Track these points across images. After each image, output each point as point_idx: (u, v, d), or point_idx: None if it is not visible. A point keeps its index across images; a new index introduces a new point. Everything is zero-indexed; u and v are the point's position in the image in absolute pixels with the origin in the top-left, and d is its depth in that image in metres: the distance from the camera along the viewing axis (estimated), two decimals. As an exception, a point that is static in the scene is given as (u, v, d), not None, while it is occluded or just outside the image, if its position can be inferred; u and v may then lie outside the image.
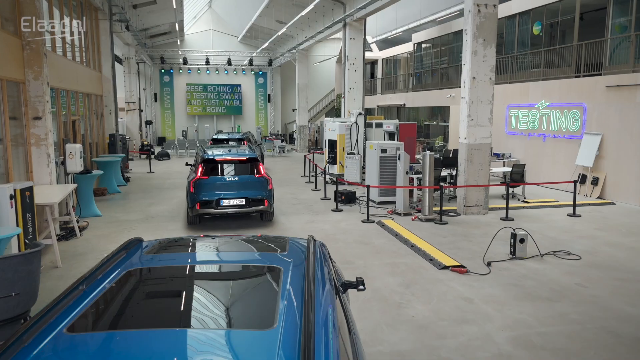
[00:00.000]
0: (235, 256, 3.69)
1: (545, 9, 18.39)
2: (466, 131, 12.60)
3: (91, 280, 2.72)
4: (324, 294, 2.67)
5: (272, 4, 25.97)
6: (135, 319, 2.58)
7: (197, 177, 11.24)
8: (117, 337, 2.30)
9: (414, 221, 12.02)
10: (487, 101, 12.59)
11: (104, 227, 11.39)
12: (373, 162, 14.19)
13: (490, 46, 12.43)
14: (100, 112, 18.69)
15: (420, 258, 9.02)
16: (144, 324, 2.47)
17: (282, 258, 3.33)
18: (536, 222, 11.96)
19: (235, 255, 3.70)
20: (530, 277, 7.98)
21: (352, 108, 21.72)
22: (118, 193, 15.93)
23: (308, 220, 12.20)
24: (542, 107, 17.64)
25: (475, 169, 12.68)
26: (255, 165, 11.82)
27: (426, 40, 28.33)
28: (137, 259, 3.24)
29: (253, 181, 11.51)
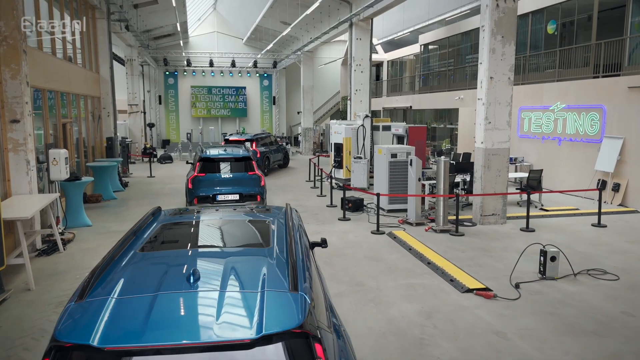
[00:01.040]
0: (238, 213, 4.94)
1: (561, 7, 17.16)
2: (483, 135, 11.41)
3: (138, 230, 4.00)
4: (297, 231, 3.97)
5: (276, 4, 24.82)
6: (179, 245, 4.01)
7: (195, 175, 11.95)
8: (169, 255, 3.72)
9: (428, 232, 10.84)
10: (505, 103, 11.39)
11: (92, 239, 10.25)
12: (382, 167, 13.01)
13: (510, 43, 11.24)
14: (98, 115, 17.57)
15: (439, 278, 7.83)
16: (187, 247, 3.89)
17: (270, 214, 4.76)
18: (560, 233, 10.75)
19: (239, 213, 4.96)
20: (567, 304, 6.79)
21: (358, 110, 20.53)
22: (114, 199, 14.80)
23: (313, 231, 11.03)
24: (557, 110, 16.41)
25: (492, 176, 11.49)
26: (249, 163, 12.45)
27: (433, 41, 27.12)
28: (164, 217, 4.52)
29: (247, 178, 12.21)
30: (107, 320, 2.60)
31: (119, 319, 2.64)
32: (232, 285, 3.00)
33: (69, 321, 2.66)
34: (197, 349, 2.51)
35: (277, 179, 19.91)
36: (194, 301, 2.87)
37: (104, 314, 2.65)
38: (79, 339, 2.48)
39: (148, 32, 29.05)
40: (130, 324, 2.63)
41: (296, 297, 2.81)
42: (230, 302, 2.80)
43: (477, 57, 11.77)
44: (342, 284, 7.56)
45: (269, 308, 2.70)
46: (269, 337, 2.51)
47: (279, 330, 2.54)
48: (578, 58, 16.46)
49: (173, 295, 2.86)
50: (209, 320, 2.66)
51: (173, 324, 2.66)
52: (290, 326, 2.57)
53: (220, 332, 2.56)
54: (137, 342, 2.49)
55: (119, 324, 2.61)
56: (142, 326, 2.57)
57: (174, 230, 4.32)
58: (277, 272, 3.16)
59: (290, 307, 2.74)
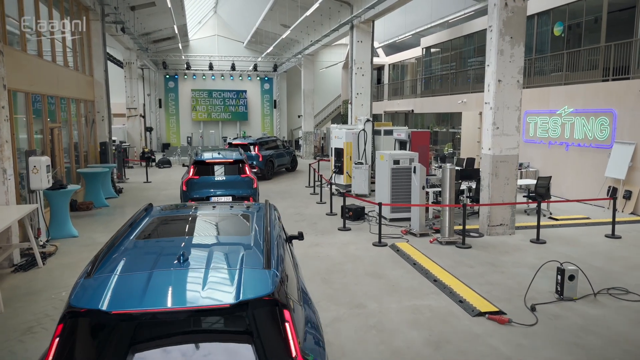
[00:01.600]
0: (223, 208, 5.34)
1: (568, 8, 16.41)
2: (491, 141, 10.65)
3: (133, 223, 4.43)
4: (273, 223, 4.48)
5: (276, 6, 24.12)
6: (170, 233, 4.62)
7: (189, 177, 12.10)
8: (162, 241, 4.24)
9: (433, 244, 10.07)
10: (514, 107, 10.64)
11: (76, 251, 9.50)
12: (384, 174, 12.26)
13: (519, 45, 10.49)
14: (92, 119, 16.85)
15: (447, 298, 7.07)
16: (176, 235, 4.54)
17: (251, 209, 5.12)
18: (573, 245, 9.98)
19: (224, 208, 5.35)
20: (591, 330, 6.02)
21: (359, 114, 19.80)
22: (106, 207, 14.07)
23: (312, 242, 10.28)
24: (564, 114, 15.65)
25: (500, 184, 10.72)
26: (242, 166, 12.52)
27: (435, 44, 26.35)
28: (156, 212, 4.98)
29: (239, 180, 12.27)
30: (112, 291, 3.10)
31: (121, 290, 3.14)
32: (216, 264, 3.49)
33: (80, 292, 3.15)
34: (186, 312, 3.03)
35: (276, 185, 19.16)
36: (183, 276, 3.35)
37: (109, 286, 3.15)
38: (90, 305, 2.98)
39: (147, 35, 28.33)
40: (131, 293, 3.13)
41: (268, 273, 3.33)
42: (214, 277, 3.31)
43: (481, 60, 11.07)
44: (342, 306, 6.80)
45: (246, 281, 3.22)
46: (245, 303, 3.02)
47: (253, 297, 3.07)
48: (586, 61, 15.70)
49: (166, 272, 3.36)
50: (196, 290, 3.17)
51: (166, 294, 3.17)
52: (262, 294, 3.10)
53: (205, 299, 3.08)
54: (137, 307, 3.00)
55: (122, 293, 3.11)
56: (141, 295, 3.08)
57: (164, 222, 4.81)
58: (254, 254, 3.66)
59: (263, 280, 3.25)
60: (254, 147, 20.60)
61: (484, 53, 21.93)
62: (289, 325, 3.10)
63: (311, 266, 8.59)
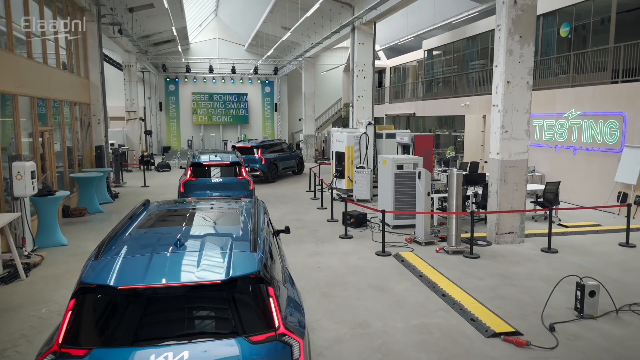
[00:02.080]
0: (216, 202, 6.01)
1: (575, 8, 15.80)
2: (499, 145, 10.04)
3: (132, 215, 4.80)
4: (260, 215, 4.82)
5: (276, 8, 23.56)
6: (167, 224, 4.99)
7: (186, 179, 12.18)
8: (160, 230, 4.58)
9: (439, 253, 9.46)
10: (523, 110, 10.04)
11: (62, 262, 8.90)
12: (387, 179, 11.65)
13: (528, 44, 9.90)
14: (88, 122, 16.28)
15: (458, 316, 6.45)
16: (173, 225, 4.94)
17: (241, 204, 5.56)
18: (586, 255, 9.37)
19: (216, 202, 6.02)
20: (617, 353, 5.41)
21: (361, 117, 19.21)
22: (100, 213, 13.48)
23: (312, 251, 9.67)
24: (571, 117, 15.04)
25: (509, 190, 10.12)
26: (238, 168, 12.64)
27: (437, 46, 25.75)
28: (154, 207, 5.39)
29: (235, 182, 12.40)
30: (118, 270, 3.48)
31: (126, 269, 3.51)
32: (209, 248, 3.89)
33: (90, 271, 3.52)
34: (183, 288, 3.44)
35: (277, 188, 18.55)
36: (180, 258, 3.72)
37: (116, 266, 3.52)
38: (100, 281, 3.38)
39: (146, 37, 27.80)
40: (134, 272, 3.49)
41: (255, 255, 3.72)
42: (207, 258, 3.70)
43: (484, 63, 10.45)
44: (343, 325, 6.19)
45: (235, 261, 3.62)
46: (235, 279, 3.45)
47: (241, 274, 3.48)
48: (594, 62, 15.09)
49: (165, 255, 3.74)
50: (191, 269, 3.56)
51: (165, 272, 3.53)
52: (249, 272, 3.52)
53: (199, 276, 3.48)
54: (141, 283, 3.39)
55: (127, 272, 3.48)
56: (143, 273, 3.47)
57: (161, 214, 5.19)
58: (242, 240, 4.07)
59: (251, 261, 3.65)
60: (257, 150, 20.20)
61: (487, 55, 21.47)
62: (273, 300, 3.49)
63: (311, 278, 7.98)
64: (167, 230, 4.63)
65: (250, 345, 3.30)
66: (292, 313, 3.83)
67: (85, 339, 3.29)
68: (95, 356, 3.18)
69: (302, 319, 3.87)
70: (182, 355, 3.19)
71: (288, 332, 3.43)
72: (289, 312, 3.78)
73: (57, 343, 3.24)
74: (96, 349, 3.22)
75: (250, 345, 3.30)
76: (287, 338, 3.40)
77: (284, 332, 3.41)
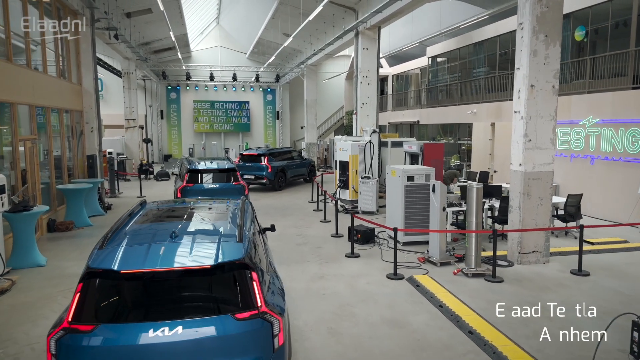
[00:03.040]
0: (207, 203, 6.38)
1: (591, 11, 14.68)
2: (522, 156, 8.88)
3: (131, 214, 5.22)
4: (247, 213, 5.28)
5: (278, 14, 22.51)
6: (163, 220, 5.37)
7: (183, 185, 12.30)
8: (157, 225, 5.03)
9: (457, 276, 8.28)
10: (549, 116, 8.89)
11: (36, 287, 7.73)
12: (396, 192, 10.48)
13: (554, 44, 8.76)
14: (80, 130, 15.15)
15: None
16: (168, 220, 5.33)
17: (230, 203, 5.99)
18: (621, 278, 8.19)
19: (207, 203, 6.39)
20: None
21: (365, 125, 18.08)
22: (89, 227, 12.32)
23: (315, 274, 8.50)
24: (588, 124, 13.88)
25: (533, 205, 8.95)
26: (233, 174, 12.73)
27: (442, 53, 24.64)
28: (150, 206, 5.86)
29: (231, 188, 12.43)
30: (121, 257, 3.92)
31: (128, 256, 3.95)
32: (200, 238, 4.40)
33: (96, 258, 3.95)
34: (178, 272, 3.91)
35: (279, 198, 17.39)
36: (175, 247, 4.17)
37: (118, 254, 3.96)
38: (105, 266, 3.80)
39: (146, 44, 26.75)
40: (135, 258, 3.93)
41: (240, 244, 4.17)
42: (198, 247, 4.16)
43: (489, 70, 9.30)
44: (355, 374, 5.01)
45: (223, 249, 4.07)
46: (222, 265, 3.90)
47: (228, 260, 3.93)
48: (613, 67, 13.94)
49: (161, 244, 4.19)
50: (185, 256, 4.05)
51: (162, 258, 3.97)
52: (235, 258, 3.95)
53: (191, 261, 3.95)
54: (140, 267, 3.81)
55: (128, 259, 3.92)
56: (143, 260, 3.90)
57: (158, 212, 5.58)
58: (230, 232, 4.55)
59: (237, 249, 4.09)
60: (264, 158, 19.27)
61: (494, 61, 20.36)
62: (256, 283, 3.89)
63: (315, 309, 6.80)
64: (163, 225, 5.07)
65: (235, 322, 3.69)
66: (273, 296, 4.21)
67: (92, 316, 3.68)
68: (100, 331, 3.57)
69: (282, 302, 4.28)
70: (177, 330, 3.59)
71: (269, 311, 3.80)
72: (270, 295, 4.15)
73: (67, 321, 3.61)
74: (101, 325, 3.62)
75: (236, 322, 3.69)
76: (268, 316, 3.77)
77: (266, 310, 3.78)
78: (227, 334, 3.66)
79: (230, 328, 3.66)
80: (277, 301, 4.15)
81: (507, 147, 18.25)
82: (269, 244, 6.51)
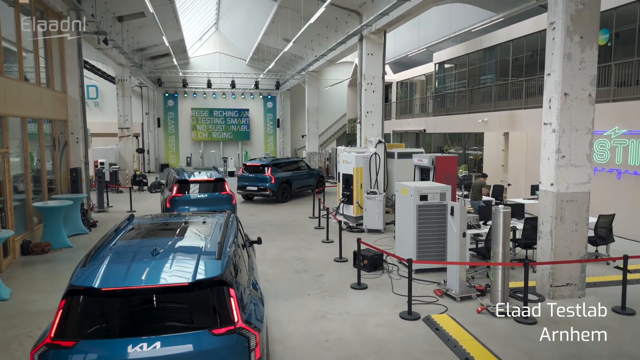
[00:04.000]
0: (191, 216, 6.55)
1: (615, 13, 13.58)
2: (554, 174, 7.74)
3: (117, 229, 5.35)
4: (230, 228, 5.42)
5: (277, 18, 21.45)
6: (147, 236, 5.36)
7: (172, 195, 12.35)
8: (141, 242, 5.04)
9: (482, 314, 7.12)
10: (584, 129, 7.75)
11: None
12: (407, 212, 9.32)
13: (591, 47, 7.64)
14: (64, 141, 14.05)
15: None
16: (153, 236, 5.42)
17: (214, 218, 6.08)
18: (674, 318, 7.01)
19: (192, 216, 6.57)
20: None
21: (369, 135, 16.96)
22: (68, 248, 11.18)
23: (316, 311, 7.33)
24: (614, 135, 12.76)
25: (567, 231, 7.79)
26: (221, 184, 12.89)
27: (450, 59, 23.56)
28: (136, 220, 5.91)
29: (219, 197, 12.62)
30: (102, 275, 4.03)
31: (109, 274, 4.05)
32: (180, 255, 4.45)
33: (79, 275, 4.05)
34: (157, 289, 3.99)
35: (278, 213, 16.23)
36: (155, 264, 4.23)
37: (100, 272, 4.06)
38: (87, 284, 3.91)
39: (142, 50, 25.71)
40: (116, 276, 4.04)
41: (219, 261, 4.28)
42: (178, 264, 4.26)
43: (501, 76, 8.15)
44: None
45: (201, 266, 4.17)
46: (200, 282, 4.00)
47: (206, 277, 4.03)
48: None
49: (142, 262, 4.27)
50: (164, 273, 4.11)
51: (142, 276, 4.05)
52: (213, 275, 4.06)
53: (170, 279, 4.05)
54: (121, 285, 3.93)
55: (109, 276, 4.03)
56: (123, 277, 4.01)
57: (143, 228, 5.64)
58: (209, 248, 4.68)
59: (215, 266, 4.19)
60: (267, 169, 18.36)
61: (507, 68, 19.27)
62: (234, 299, 4.03)
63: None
64: (146, 241, 5.09)
65: (213, 337, 3.85)
66: (252, 311, 4.36)
67: (74, 333, 3.81)
68: (82, 347, 3.74)
69: (261, 316, 4.44)
70: (155, 345, 3.74)
71: (246, 326, 3.96)
72: (249, 310, 4.32)
73: (49, 337, 3.76)
74: (82, 341, 3.77)
75: (213, 337, 3.86)
76: (244, 331, 3.93)
77: (242, 326, 3.94)
78: (204, 349, 3.80)
79: (207, 343, 3.82)
80: (255, 316, 4.31)
81: (522, 158, 17.18)
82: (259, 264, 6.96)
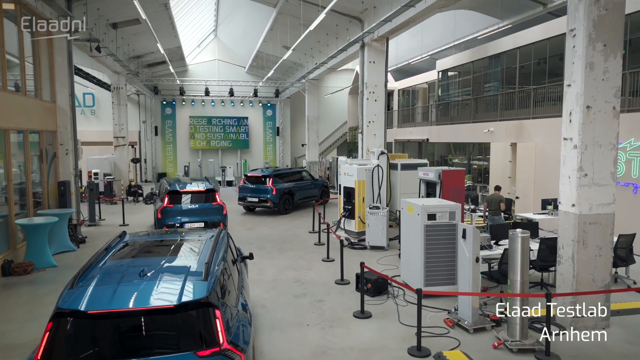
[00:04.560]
0: (182, 234, 6.67)
1: (629, 19, 12.98)
2: (575, 194, 7.08)
3: (108, 247, 5.39)
4: (220, 246, 5.49)
5: (277, 25, 20.92)
6: (137, 255, 5.42)
7: (164, 206, 12.52)
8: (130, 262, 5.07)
9: (498, 349, 6.44)
10: (609, 145, 7.10)
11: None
12: (414, 232, 8.67)
13: (615, 55, 7.01)
14: (53, 153, 13.42)
15: None
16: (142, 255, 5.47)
17: (205, 235, 6.11)
18: None
19: (182, 233, 6.68)
20: None
21: (371, 146, 16.33)
22: (53, 268, 10.51)
23: (316, 347, 6.65)
24: (630, 148, 12.13)
25: (590, 256, 7.13)
26: (212, 195, 13.08)
27: (454, 67, 22.97)
28: (127, 238, 5.99)
29: (210, 208, 12.85)
30: (89, 297, 4.02)
31: (95, 297, 4.04)
32: (167, 277, 4.43)
33: (65, 298, 4.06)
34: (142, 311, 3.99)
35: (276, 227, 15.58)
36: (142, 286, 4.24)
37: (87, 294, 4.06)
38: (72, 307, 3.91)
39: (138, 58, 25.14)
40: (102, 298, 4.03)
41: (205, 283, 4.26)
42: (164, 286, 4.24)
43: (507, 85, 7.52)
44: None
45: (187, 288, 4.16)
46: (186, 304, 4.00)
47: (191, 300, 4.03)
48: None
49: (129, 284, 4.30)
50: (150, 296, 4.11)
51: (128, 298, 4.07)
52: (199, 297, 4.06)
53: (156, 301, 4.05)
54: (107, 308, 3.92)
55: (96, 299, 4.02)
56: (110, 300, 4.00)
57: (133, 246, 5.68)
58: (197, 268, 4.66)
59: (201, 288, 4.18)
60: (268, 180, 17.84)
61: (514, 76, 18.68)
62: (219, 321, 4.04)
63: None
64: (134, 261, 5.13)
65: (198, 359, 3.81)
66: (239, 332, 4.40)
67: (60, 356, 3.82)
68: None
69: (248, 337, 4.50)
70: None
71: (231, 347, 3.98)
72: (235, 331, 4.33)
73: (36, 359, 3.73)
74: None
75: (198, 359, 3.82)
76: (229, 352, 3.94)
77: (228, 347, 3.96)
78: None
79: None
80: (242, 337, 4.33)
81: (531, 170, 16.52)
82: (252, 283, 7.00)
